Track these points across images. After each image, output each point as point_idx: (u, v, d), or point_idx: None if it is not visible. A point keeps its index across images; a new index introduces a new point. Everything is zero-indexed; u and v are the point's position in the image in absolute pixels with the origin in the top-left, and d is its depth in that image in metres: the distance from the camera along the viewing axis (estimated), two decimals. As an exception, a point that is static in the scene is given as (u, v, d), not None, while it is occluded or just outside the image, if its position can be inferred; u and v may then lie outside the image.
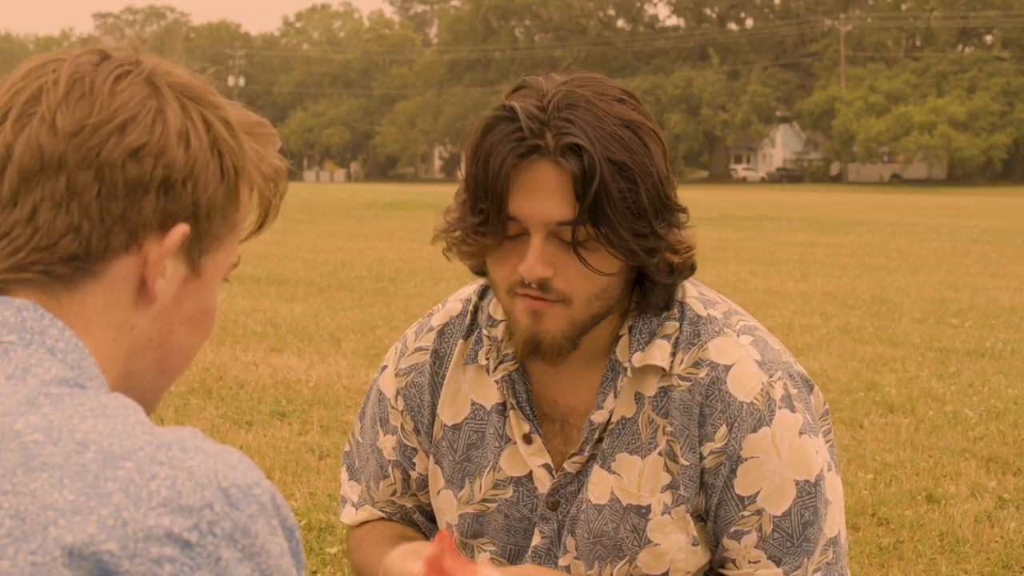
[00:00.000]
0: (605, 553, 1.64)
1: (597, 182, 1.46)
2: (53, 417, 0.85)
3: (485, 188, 1.51)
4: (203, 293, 1.02)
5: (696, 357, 1.61)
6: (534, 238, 1.51)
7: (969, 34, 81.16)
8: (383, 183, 76.94)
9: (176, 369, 1.04)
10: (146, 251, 0.95)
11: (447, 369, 1.72)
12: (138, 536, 0.80)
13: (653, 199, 1.51)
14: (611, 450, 1.63)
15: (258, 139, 1.03)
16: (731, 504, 1.61)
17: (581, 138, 1.47)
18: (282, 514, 0.87)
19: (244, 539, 0.83)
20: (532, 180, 1.49)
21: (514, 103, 1.51)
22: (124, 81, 0.95)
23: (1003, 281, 12.97)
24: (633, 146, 1.49)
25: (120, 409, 0.88)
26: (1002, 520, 4.25)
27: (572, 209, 1.49)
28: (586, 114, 1.49)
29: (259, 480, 0.86)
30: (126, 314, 0.97)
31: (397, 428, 1.76)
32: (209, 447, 0.86)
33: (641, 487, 1.63)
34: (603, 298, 1.56)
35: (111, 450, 0.83)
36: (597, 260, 1.52)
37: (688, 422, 1.60)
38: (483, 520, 1.71)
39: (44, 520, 0.80)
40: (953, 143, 68.56)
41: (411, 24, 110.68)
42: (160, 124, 0.95)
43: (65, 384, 0.90)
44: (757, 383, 1.59)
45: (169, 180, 0.95)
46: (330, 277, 12.15)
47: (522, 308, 1.55)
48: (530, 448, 1.67)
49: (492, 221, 1.51)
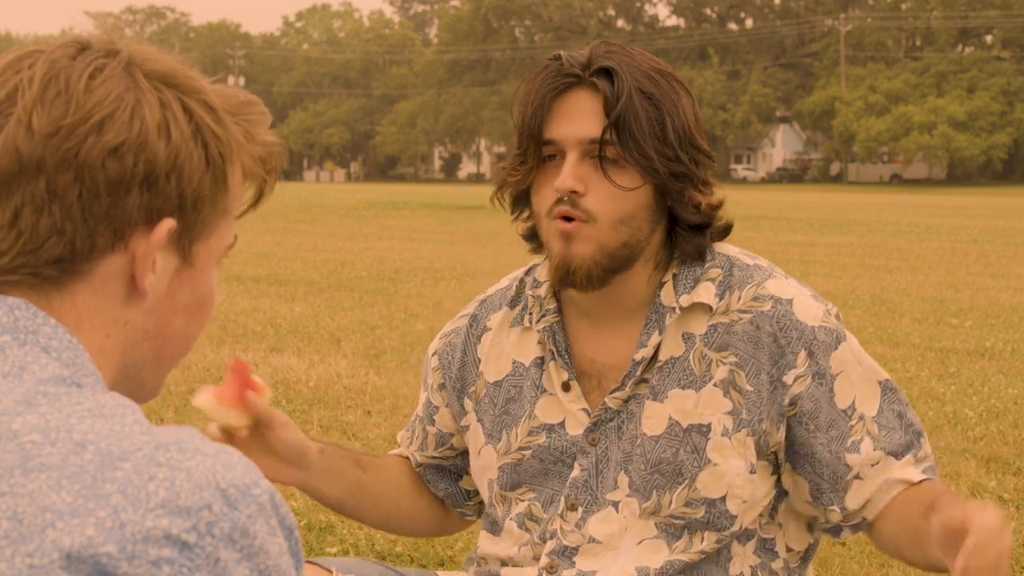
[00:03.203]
0: (663, 481, 1.70)
1: (624, 100, 1.62)
2: (51, 417, 0.85)
3: (526, 119, 1.68)
4: (198, 280, 1.00)
5: (755, 293, 1.71)
6: (568, 156, 1.66)
7: (969, 34, 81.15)
8: (383, 183, 76.94)
9: (176, 355, 1.03)
10: (133, 248, 0.94)
11: (484, 330, 1.85)
12: (136, 538, 0.79)
13: (679, 132, 1.65)
14: (662, 386, 1.71)
15: (246, 120, 1.01)
16: (840, 420, 1.70)
17: (614, 64, 1.64)
18: (281, 513, 0.86)
19: (243, 540, 0.82)
20: (567, 105, 1.67)
21: (560, 52, 1.70)
22: (100, 76, 0.94)
23: (1003, 281, 12.97)
24: (663, 85, 1.66)
25: (118, 409, 0.87)
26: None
27: (602, 127, 1.64)
28: (622, 56, 1.67)
29: (257, 480, 0.85)
30: (118, 311, 0.96)
31: (429, 385, 1.90)
32: (207, 447, 0.85)
33: (701, 410, 1.70)
34: (629, 225, 1.66)
35: (109, 451, 0.83)
36: (624, 178, 1.65)
37: (755, 351, 1.69)
38: (520, 469, 1.78)
39: (42, 522, 0.79)
40: (953, 143, 68.56)
41: (411, 24, 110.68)
42: (138, 119, 0.93)
43: (62, 383, 0.89)
44: (819, 310, 1.71)
45: (151, 175, 0.93)
46: (330, 277, 12.14)
47: (555, 232, 1.67)
48: (568, 395, 1.75)
49: (531, 146, 1.67)
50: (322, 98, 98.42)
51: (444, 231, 20.59)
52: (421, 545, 3.69)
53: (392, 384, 6.22)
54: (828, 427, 1.70)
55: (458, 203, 32.72)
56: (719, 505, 1.69)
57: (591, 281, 1.67)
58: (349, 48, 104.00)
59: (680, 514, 1.69)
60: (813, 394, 1.69)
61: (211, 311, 1.04)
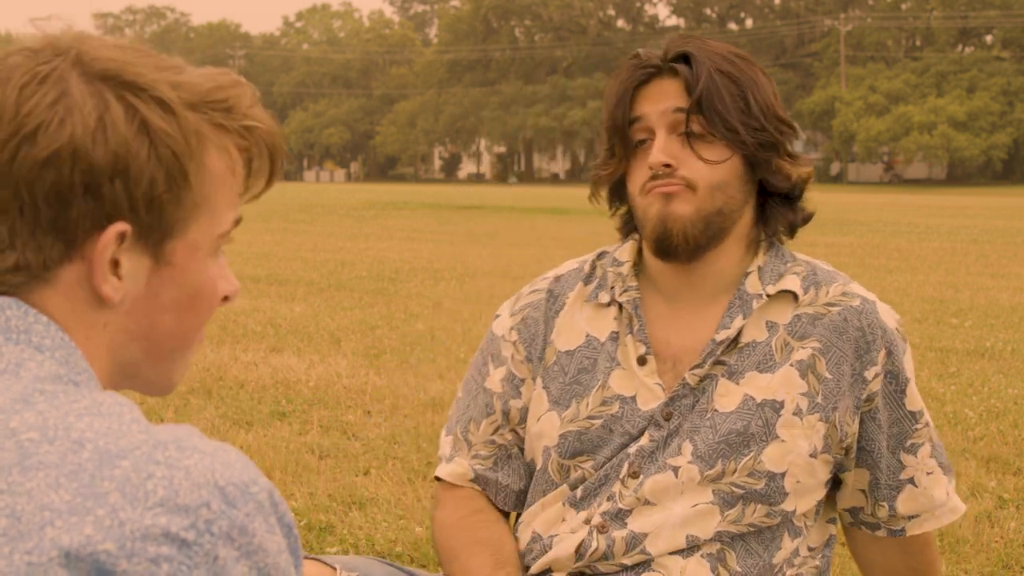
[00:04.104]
0: (730, 451, 1.73)
1: (705, 78, 1.70)
2: (49, 415, 0.85)
3: (611, 111, 1.76)
4: (182, 277, 0.98)
5: (844, 290, 1.79)
6: (658, 134, 1.73)
7: (969, 34, 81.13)
8: (383, 183, 76.92)
9: (176, 351, 1.01)
10: (88, 255, 0.93)
11: (561, 305, 1.88)
12: (135, 536, 0.79)
13: (762, 105, 1.73)
14: (739, 367, 1.75)
15: (217, 106, 0.98)
16: (905, 421, 1.79)
17: (691, 49, 1.73)
18: (279, 511, 0.86)
19: (241, 537, 0.82)
20: (650, 92, 1.75)
21: (638, 50, 1.78)
22: (32, 86, 0.91)
23: (1003, 281, 12.97)
24: (741, 66, 1.74)
25: (115, 407, 0.87)
26: (1002, 520, 4.25)
27: (687, 102, 1.72)
28: (698, 42, 1.75)
29: (256, 478, 0.85)
30: (91, 315, 0.95)
31: (508, 359, 1.90)
32: (206, 445, 0.85)
33: (776, 388, 1.74)
34: (725, 191, 1.73)
35: (107, 449, 0.83)
36: (712, 152, 1.72)
37: (840, 341, 1.75)
38: (585, 438, 1.80)
39: (40, 520, 0.80)
40: (953, 143, 68.54)
41: (411, 24, 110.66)
42: (69, 125, 0.90)
43: (59, 380, 0.89)
44: (894, 317, 1.81)
45: (92, 182, 0.91)
46: (330, 277, 12.14)
47: (654, 197, 1.73)
48: (644, 369, 1.78)
49: (619, 136, 1.75)
50: (322, 98, 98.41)
51: (444, 231, 20.59)
52: (421, 545, 3.69)
53: (392, 384, 6.22)
54: (891, 424, 1.79)
55: (458, 203, 32.72)
56: (778, 480, 1.73)
57: (687, 242, 1.72)
58: (349, 48, 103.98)
59: (742, 483, 1.73)
60: (884, 391, 1.77)
61: (210, 302, 1.02)
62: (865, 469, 1.80)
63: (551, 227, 22.18)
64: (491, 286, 11.18)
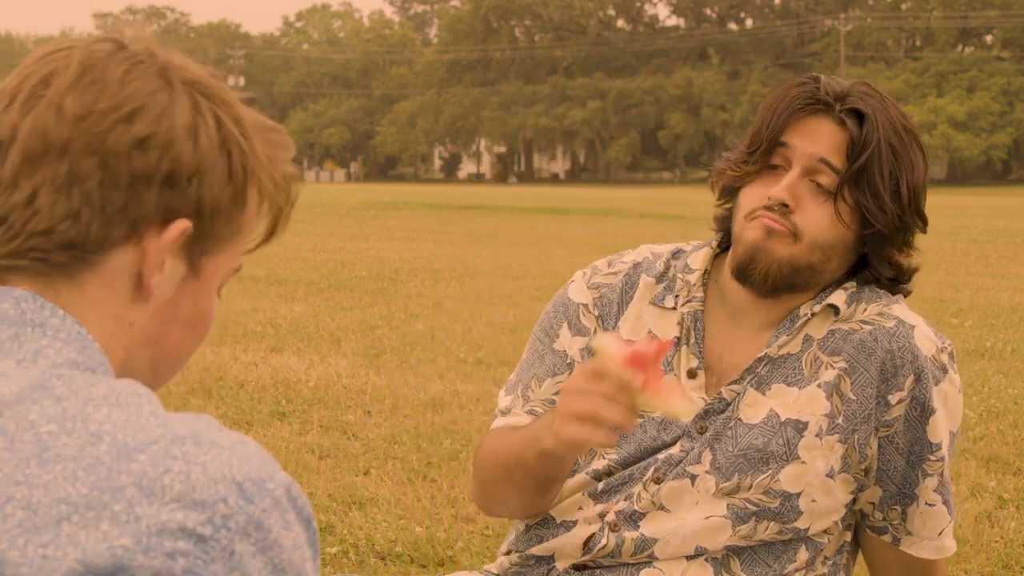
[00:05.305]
0: (748, 466, 1.72)
1: (874, 147, 1.67)
2: (67, 405, 0.85)
3: (767, 122, 1.72)
4: (200, 295, 1.00)
5: (882, 310, 1.76)
6: (793, 169, 1.70)
7: (969, 34, 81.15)
8: (383, 183, 76.91)
9: (167, 372, 1.03)
10: (145, 245, 0.94)
11: (634, 294, 1.86)
12: (152, 531, 0.80)
13: (909, 194, 1.70)
14: (768, 378, 1.75)
15: (271, 144, 1.01)
16: (924, 445, 1.76)
17: (869, 110, 1.68)
18: (298, 505, 0.87)
19: (258, 533, 0.83)
20: (811, 126, 1.70)
21: (820, 75, 1.74)
22: (136, 71, 0.94)
23: (1003, 281, 12.97)
24: (909, 144, 1.70)
25: (133, 397, 0.88)
26: (1002, 520, 4.25)
27: (841, 159, 1.68)
28: (879, 102, 1.71)
29: (273, 473, 0.86)
30: (124, 309, 0.96)
31: (590, 330, 1.87)
32: (224, 439, 0.86)
33: (801, 407, 1.73)
34: (827, 253, 1.71)
35: (125, 442, 0.83)
36: (841, 215, 1.69)
37: (866, 362, 1.73)
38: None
39: (56, 514, 0.80)
40: (953, 143, 68.58)
41: (411, 24, 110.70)
42: (169, 117, 0.93)
43: (76, 367, 0.89)
44: (935, 344, 1.76)
45: (174, 174, 0.93)
46: (330, 277, 12.14)
47: (757, 225, 1.70)
48: (692, 383, 1.78)
49: (763, 146, 1.71)
50: (322, 98, 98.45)
51: (444, 231, 20.60)
52: (421, 545, 3.69)
53: (392, 384, 6.22)
54: (911, 444, 1.76)
55: (458, 203, 32.72)
56: (793, 500, 1.72)
57: (766, 282, 1.71)
58: (349, 48, 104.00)
59: (756, 500, 1.72)
60: (907, 416, 1.74)
61: (206, 333, 1.03)
62: (879, 488, 1.79)
63: (551, 227, 22.19)
64: (491, 286, 11.18)
